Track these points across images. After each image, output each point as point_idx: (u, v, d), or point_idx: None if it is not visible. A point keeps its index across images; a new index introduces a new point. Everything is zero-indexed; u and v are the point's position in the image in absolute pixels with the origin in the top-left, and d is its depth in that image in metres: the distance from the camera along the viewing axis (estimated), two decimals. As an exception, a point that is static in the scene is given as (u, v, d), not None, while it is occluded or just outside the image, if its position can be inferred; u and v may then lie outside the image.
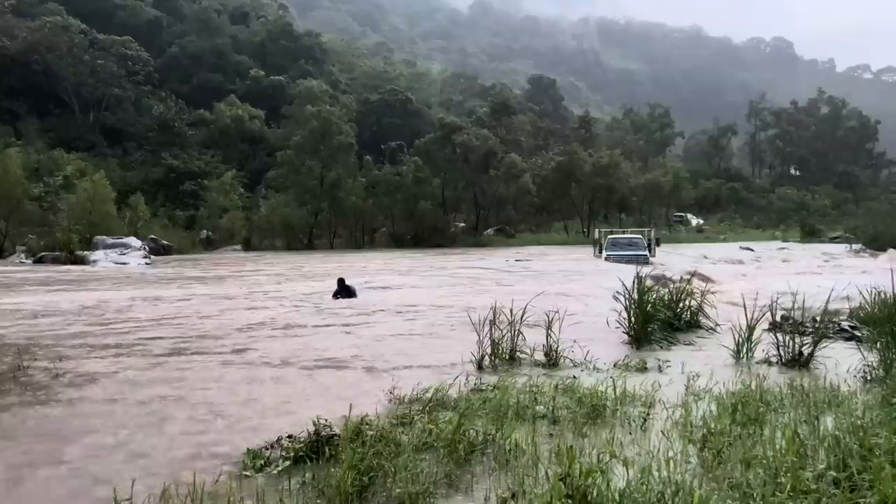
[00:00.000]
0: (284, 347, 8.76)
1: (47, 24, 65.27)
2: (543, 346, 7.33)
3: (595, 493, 3.09)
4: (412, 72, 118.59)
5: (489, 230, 62.42)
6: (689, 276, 14.12)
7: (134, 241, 38.91)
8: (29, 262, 34.75)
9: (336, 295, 14.75)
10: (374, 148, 65.21)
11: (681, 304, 9.72)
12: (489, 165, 59.87)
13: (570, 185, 63.61)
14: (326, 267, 28.92)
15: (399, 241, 55.54)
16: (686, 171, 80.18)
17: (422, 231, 56.10)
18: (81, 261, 33.56)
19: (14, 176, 43.13)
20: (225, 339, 9.45)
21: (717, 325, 9.57)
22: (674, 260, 28.25)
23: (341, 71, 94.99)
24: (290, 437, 4.56)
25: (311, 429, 4.45)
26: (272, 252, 48.29)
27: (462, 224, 63.24)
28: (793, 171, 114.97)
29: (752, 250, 40.89)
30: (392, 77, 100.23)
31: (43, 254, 35.23)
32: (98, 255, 34.89)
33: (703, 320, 9.81)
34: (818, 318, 8.16)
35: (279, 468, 4.14)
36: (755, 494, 3.29)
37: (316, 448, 4.28)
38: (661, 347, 8.38)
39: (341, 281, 15.41)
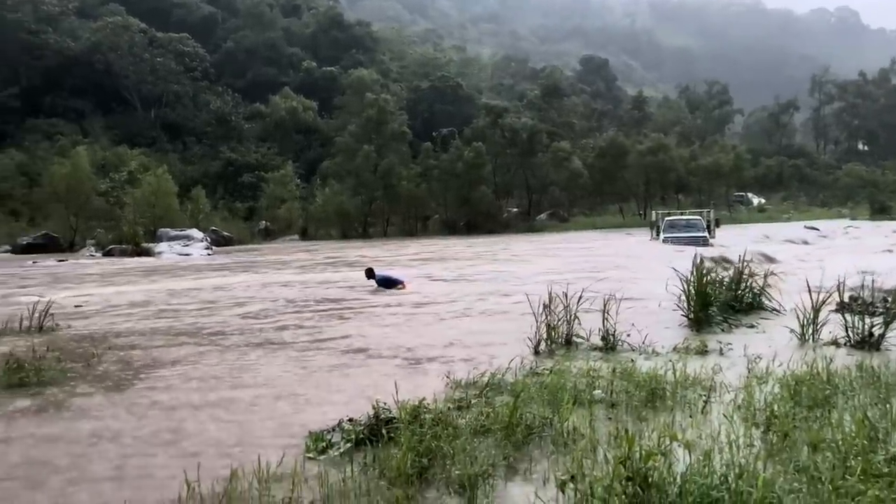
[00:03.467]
0: (341, 334, 8.93)
1: (109, 24, 67.48)
2: (600, 329, 7.27)
3: (656, 476, 3.06)
4: (462, 57, 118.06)
5: (542, 215, 61.93)
6: (750, 257, 13.73)
7: (196, 232, 40.12)
8: (98, 255, 36.18)
9: (379, 285, 14.06)
10: (425, 135, 65.32)
11: (742, 286, 9.47)
12: (536, 149, 59.35)
13: (621, 168, 62.50)
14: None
15: (452, 228, 55.63)
16: (746, 150, 77.80)
17: (475, 217, 56.02)
18: (147, 253, 34.77)
19: (83, 172, 45.07)
20: (279, 327, 9.68)
21: (780, 306, 9.28)
22: (734, 241, 27.45)
23: (392, 59, 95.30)
24: (350, 420, 4.66)
25: (371, 412, 4.54)
26: (328, 241, 49.04)
27: (514, 209, 62.88)
28: (860, 146, 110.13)
29: (818, 229, 39.47)
30: (442, 63, 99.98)
31: (111, 247, 36.64)
32: (162, 246, 36.11)
33: (765, 302, 9.54)
34: (889, 298, 7.84)
35: (341, 450, 4.23)
36: (823, 478, 3.21)
37: (375, 431, 4.36)
38: (722, 330, 8.19)
39: (369, 271, 14.58)
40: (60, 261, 30.71)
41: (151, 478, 4.00)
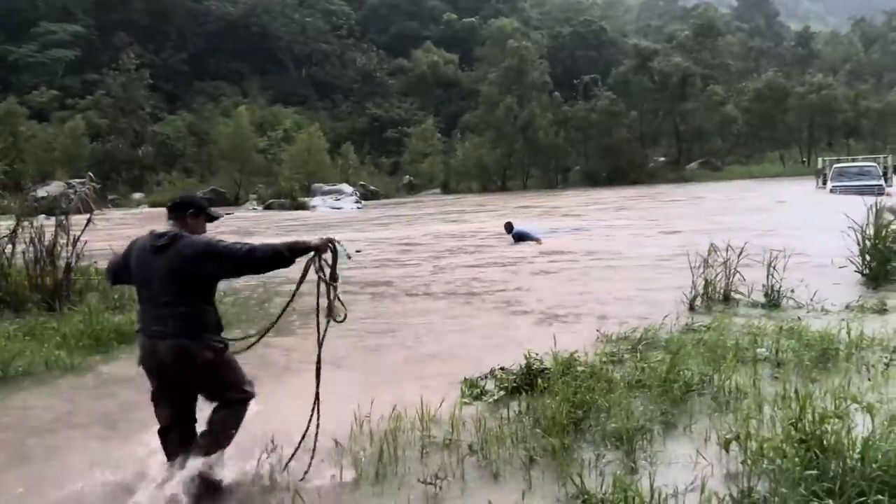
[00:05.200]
0: (488, 287, 9.08)
1: (262, -14, 71.05)
2: (763, 285, 6.86)
3: (833, 440, 2.88)
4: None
5: (692, 164, 58.68)
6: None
7: (346, 187, 42.00)
8: (260, 208, 38.91)
9: (516, 240, 14.33)
10: (567, 83, 63.44)
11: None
12: (687, 93, 55.98)
13: (781, 111, 57.44)
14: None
15: (594, 180, 54.15)
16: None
17: (618, 167, 54.07)
18: (303, 206, 36.91)
19: (245, 131, 48.39)
20: (427, 281, 10.00)
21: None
22: (917, 190, 24.70)
23: (532, 6, 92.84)
24: (502, 368, 4.76)
25: (522, 362, 4.60)
26: (469, 195, 49.44)
27: (662, 158, 60.00)
28: None
29: None
30: (585, 7, 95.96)
31: (271, 201, 39.30)
32: (316, 200, 38.18)
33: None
34: None
35: (495, 397, 4.35)
36: None
37: (528, 380, 4.42)
38: (905, 288, 7.48)
39: (509, 225, 14.89)
40: (228, 214, 33.26)
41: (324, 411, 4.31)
